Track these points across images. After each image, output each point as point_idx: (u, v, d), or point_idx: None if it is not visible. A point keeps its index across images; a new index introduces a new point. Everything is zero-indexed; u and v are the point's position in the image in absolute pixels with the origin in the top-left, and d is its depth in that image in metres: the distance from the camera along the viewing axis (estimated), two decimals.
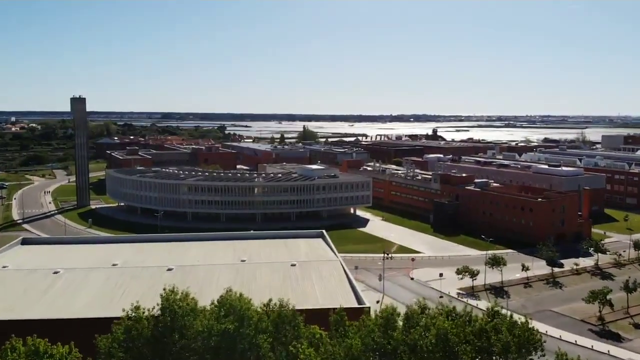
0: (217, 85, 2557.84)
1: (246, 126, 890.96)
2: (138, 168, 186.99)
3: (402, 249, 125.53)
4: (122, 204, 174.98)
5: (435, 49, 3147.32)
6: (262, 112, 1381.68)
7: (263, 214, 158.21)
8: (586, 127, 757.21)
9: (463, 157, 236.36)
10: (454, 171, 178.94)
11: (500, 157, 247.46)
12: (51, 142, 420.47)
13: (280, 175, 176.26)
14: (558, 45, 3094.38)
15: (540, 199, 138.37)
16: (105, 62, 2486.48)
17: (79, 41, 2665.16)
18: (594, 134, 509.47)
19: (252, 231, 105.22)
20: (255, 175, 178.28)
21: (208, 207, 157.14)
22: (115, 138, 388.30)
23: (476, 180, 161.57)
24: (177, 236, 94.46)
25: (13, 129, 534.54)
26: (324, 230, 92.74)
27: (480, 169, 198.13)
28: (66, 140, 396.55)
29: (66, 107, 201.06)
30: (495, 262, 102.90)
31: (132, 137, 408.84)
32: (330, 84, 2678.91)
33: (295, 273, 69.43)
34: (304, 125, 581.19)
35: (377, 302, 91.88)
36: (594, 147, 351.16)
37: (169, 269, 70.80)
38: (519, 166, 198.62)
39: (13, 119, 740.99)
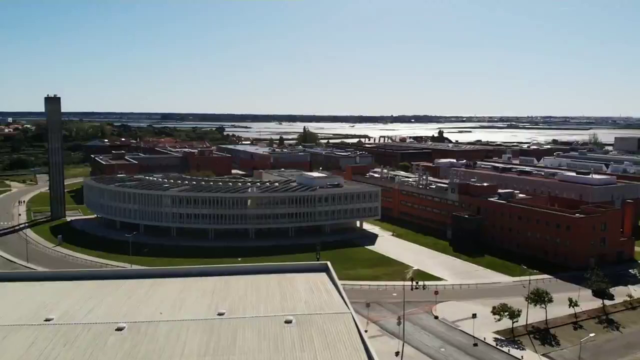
0: (218, 86, 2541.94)
1: (246, 127, 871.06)
2: (118, 176, 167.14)
3: (421, 275, 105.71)
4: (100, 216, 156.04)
5: (435, 49, 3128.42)
6: (262, 113, 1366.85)
7: (257, 229, 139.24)
8: (590, 128, 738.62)
9: (478, 162, 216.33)
10: (473, 180, 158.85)
11: (517, 162, 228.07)
12: (43, 143, 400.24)
13: (277, 184, 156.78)
14: (559, 46, 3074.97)
15: (578, 215, 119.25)
16: (107, 62, 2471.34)
17: (80, 41, 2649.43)
18: (600, 136, 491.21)
19: (239, 260, 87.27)
20: (249, 184, 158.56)
21: (194, 221, 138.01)
22: (106, 140, 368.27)
23: (500, 191, 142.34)
24: (141, 271, 75.49)
25: (6, 130, 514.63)
26: (328, 263, 73.57)
27: (500, 176, 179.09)
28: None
29: (65, 107, 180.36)
30: (539, 299, 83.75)
31: (123, 139, 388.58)
32: (330, 84, 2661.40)
33: (290, 336, 50.36)
34: (304, 127, 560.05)
35: (397, 353, 73.07)
36: (604, 149, 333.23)
37: (119, 328, 51.56)
38: (542, 173, 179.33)
39: (10, 119, 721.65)
